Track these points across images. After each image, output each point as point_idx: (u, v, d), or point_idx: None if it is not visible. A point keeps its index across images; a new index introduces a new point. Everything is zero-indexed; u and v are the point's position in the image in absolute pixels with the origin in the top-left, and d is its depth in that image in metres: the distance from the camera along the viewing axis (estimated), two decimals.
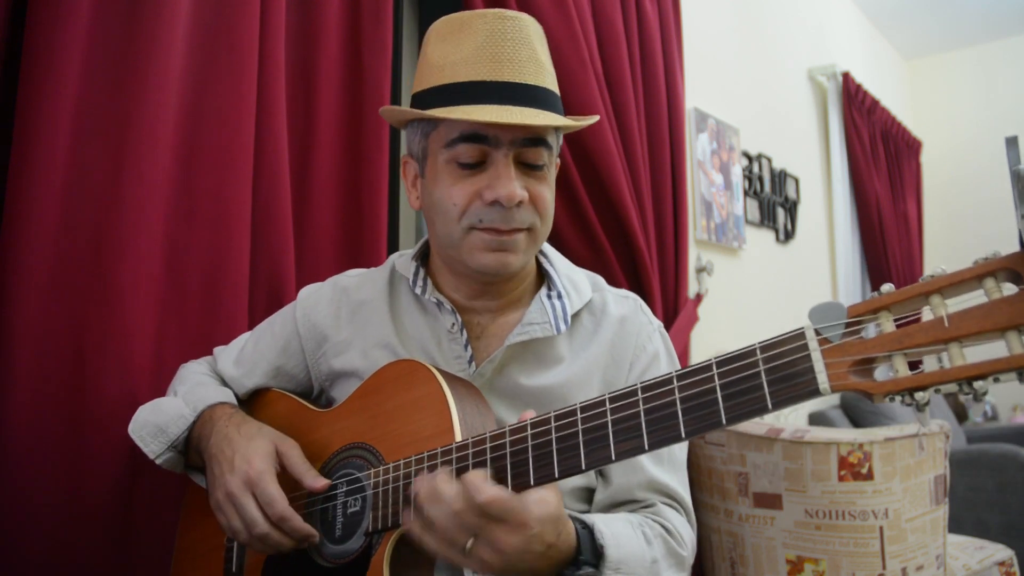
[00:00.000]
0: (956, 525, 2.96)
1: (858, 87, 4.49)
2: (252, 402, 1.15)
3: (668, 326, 2.42)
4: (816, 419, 3.62)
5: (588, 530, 0.85)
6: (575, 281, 1.08)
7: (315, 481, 0.94)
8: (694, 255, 2.95)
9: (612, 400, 0.75)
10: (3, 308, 1.08)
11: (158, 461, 1.05)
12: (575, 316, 1.05)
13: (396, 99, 1.84)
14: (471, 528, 0.76)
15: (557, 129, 1.00)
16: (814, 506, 1.86)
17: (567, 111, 2.02)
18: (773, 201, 3.71)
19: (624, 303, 1.09)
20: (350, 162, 1.62)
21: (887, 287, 0.63)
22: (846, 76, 4.38)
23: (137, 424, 1.07)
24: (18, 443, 1.07)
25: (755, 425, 1.99)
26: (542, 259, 1.09)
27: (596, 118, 1.06)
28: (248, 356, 1.16)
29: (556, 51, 2.02)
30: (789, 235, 3.84)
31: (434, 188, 0.98)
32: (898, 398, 0.62)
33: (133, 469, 1.16)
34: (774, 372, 0.66)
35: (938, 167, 5.65)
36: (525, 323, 1.01)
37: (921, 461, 1.87)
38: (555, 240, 2.14)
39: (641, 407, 0.73)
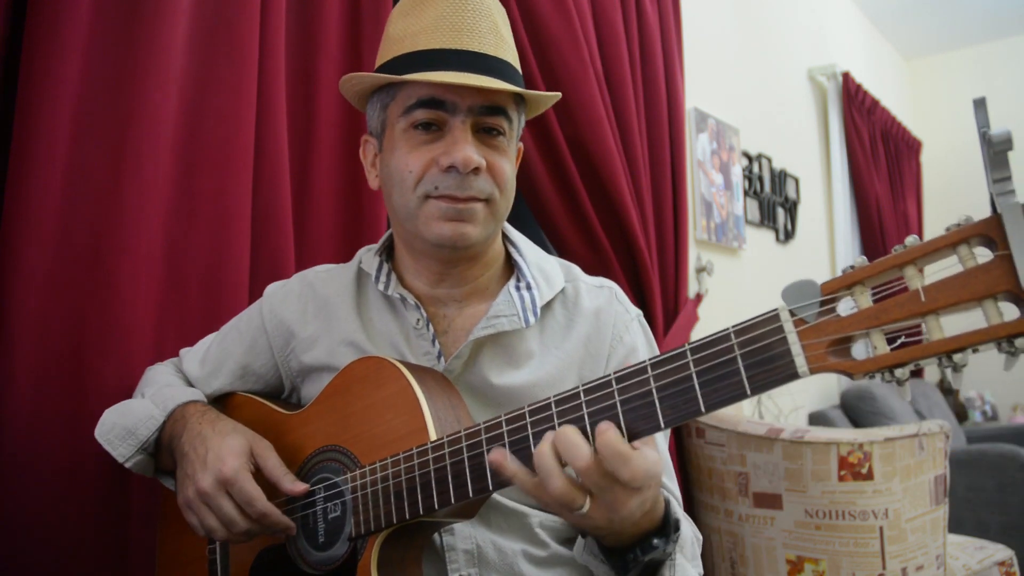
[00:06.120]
0: (956, 525, 2.96)
1: (858, 87, 4.49)
2: (217, 407, 1.10)
3: (668, 326, 2.42)
4: (816, 419, 3.62)
5: (666, 502, 0.83)
6: (546, 270, 1.04)
7: (293, 485, 0.91)
8: (694, 255, 2.95)
9: (587, 392, 0.73)
10: (3, 307, 1.08)
11: (128, 465, 1.01)
12: (546, 307, 1.01)
13: None
14: (594, 487, 0.71)
15: (519, 105, 0.98)
16: (814, 506, 1.87)
17: (567, 110, 2.04)
18: (773, 201, 3.71)
19: (598, 293, 1.04)
20: (350, 162, 1.62)
21: (860, 259, 0.62)
22: (846, 76, 4.38)
23: (104, 427, 1.02)
24: (18, 442, 1.07)
25: (755, 425, 1.99)
26: (511, 248, 1.05)
27: (558, 95, 1.04)
28: (214, 355, 1.12)
29: (556, 51, 2.02)
30: (789, 235, 3.84)
31: (391, 158, 0.96)
32: (878, 375, 0.62)
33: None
34: (750, 356, 0.65)
35: (938, 167, 5.65)
36: (491, 315, 0.97)
37: (921, 461, 1.87)
38: (555, 239, 2.14)
39: (617, 398, 0.71)
